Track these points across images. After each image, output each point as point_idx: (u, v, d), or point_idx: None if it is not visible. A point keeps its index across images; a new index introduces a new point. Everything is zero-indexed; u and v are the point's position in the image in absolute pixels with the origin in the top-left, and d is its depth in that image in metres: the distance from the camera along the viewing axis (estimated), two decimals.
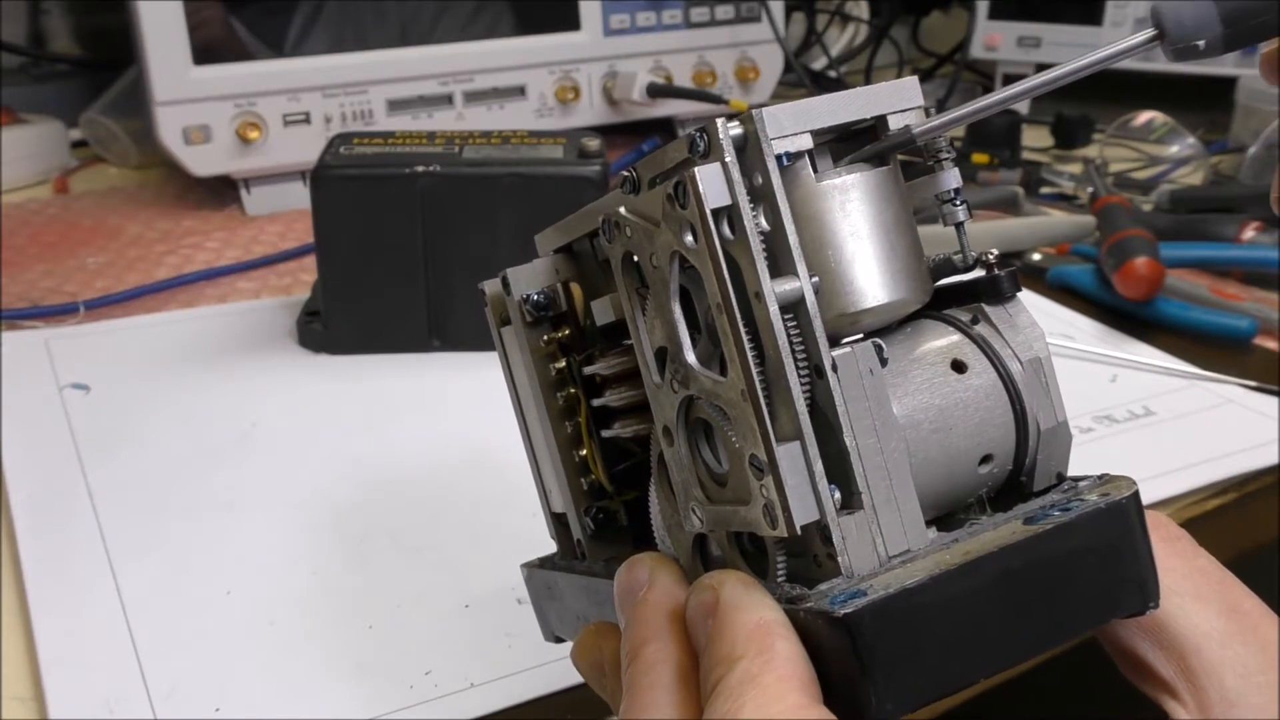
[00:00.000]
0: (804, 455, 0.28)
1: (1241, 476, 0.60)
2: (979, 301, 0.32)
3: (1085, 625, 0.29)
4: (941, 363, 0.31)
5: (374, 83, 1.02)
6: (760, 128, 0.28)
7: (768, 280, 0.28)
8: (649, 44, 1.12)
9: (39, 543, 0.54)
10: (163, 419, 0.66)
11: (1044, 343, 0.32)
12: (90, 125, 1.14)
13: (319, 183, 0.70)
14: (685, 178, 0.28)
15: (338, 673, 0.47)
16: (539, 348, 0.37)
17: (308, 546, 0.55)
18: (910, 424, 0.30)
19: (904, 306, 0.31)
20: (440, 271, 0.71)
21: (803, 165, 0.30)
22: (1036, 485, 0.32)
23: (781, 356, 0.28)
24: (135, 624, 0.49)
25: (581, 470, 0.37)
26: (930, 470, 0.30)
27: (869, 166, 0.30)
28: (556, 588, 0.39)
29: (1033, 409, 0.32)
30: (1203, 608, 0.31)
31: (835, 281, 0.29)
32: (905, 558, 0.29)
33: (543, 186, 0.70)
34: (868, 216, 0.30)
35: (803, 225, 0.29)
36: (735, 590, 0.28)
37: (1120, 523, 0.29)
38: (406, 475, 0.60)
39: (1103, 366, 0.72)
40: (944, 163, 0.31)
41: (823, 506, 0.28)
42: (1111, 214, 0.84)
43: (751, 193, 0.29)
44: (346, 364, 0.73)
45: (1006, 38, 1.28)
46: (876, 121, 0.31)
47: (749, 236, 0.28)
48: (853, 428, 0.28)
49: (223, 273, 0.88)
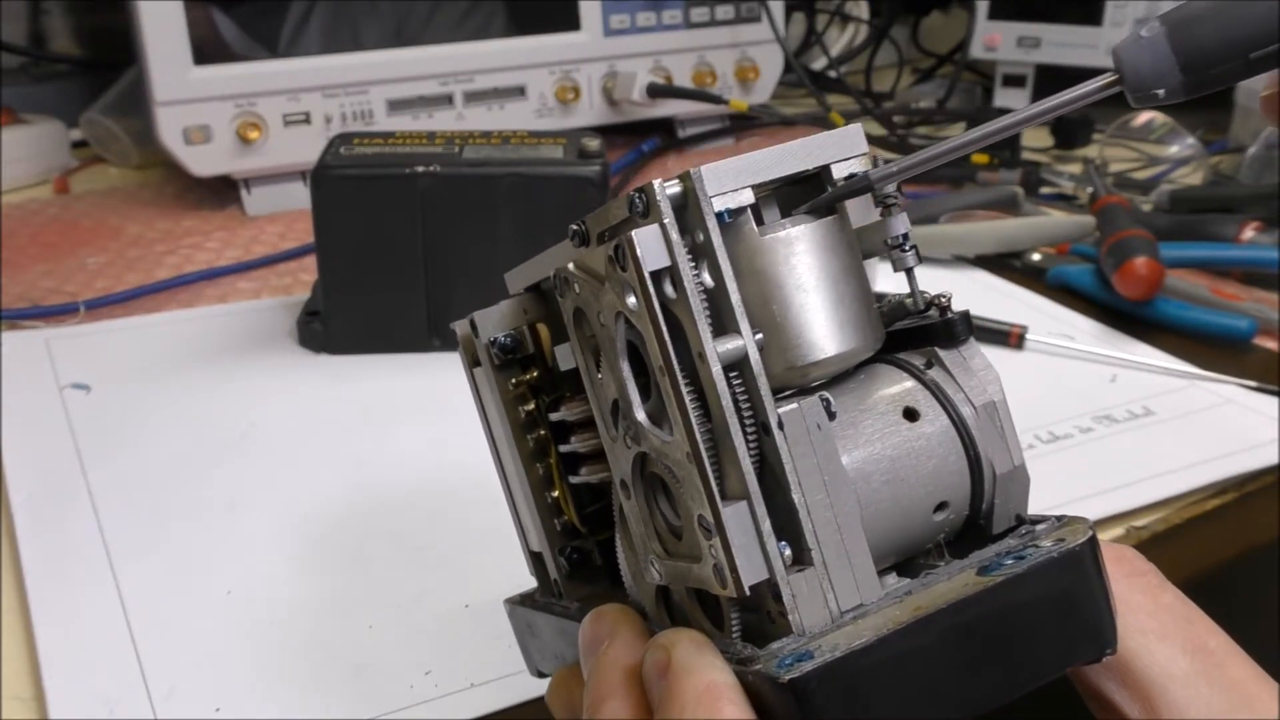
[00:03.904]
0: (751, 515, 0.28)
1: (1241, 476, 0.60)
2: (933, 345, 0.32)
3: (1041, 675, 0.29)
4: (893, 411, 0.31)
5: (374, 83, 1.02)
6: (699, 186, 0.28)
7: (710, 341, 0.28)
8: (649, 44, 1.12)
9: (39, 543, 0.54)
10: (163, 419, 0.66)
11: (998, 385, 0.32)
12: (90, 125, 1.14)
13: (319, 183, 0.70)
14: (624, 240, 0.28)
15: (338, 673, 0.47)
16: (508, 390, 0.37)
17: (308, 546, 0.55)
18: (861, 476, 0.30)
19: (854, 356, 0.31)
20: (440, 271, 0.71)
21: (745, 220, 0.29)
22: (995, 528, 0.32)
23: (726, 417, 0.28)
24: (135, 624, 0.49)
25: (555, 511, 0.37)
26: (883, 522, 0.30)
27: (814, 217, 0.30)
28: (536, 626, 0.39)
29: (987, 454, 0.31)
30: (1167, 647, 0.31)
31: (782, 335, 0.29)
32: (858, 613, 0.28)
33: (543, 186, 0.70)
34: (814, 268, 0.30)
35: (747, 280, 0.29)
36: (686, 652, 0.29)
37: (1074, 570, 0.29)
38: (406, 475, 0.60)
39: (1103, 366, 0.72)
40: (892, 208, 0.31)
41: (771, 565, 0.28)
42: (1111, 214, 0.84)
43: (693, 250, 0.29)
44: (346, 364, 0.73)
45: (1006, 38, 1.28)
46: (821, 171, 0.31)
47: (689, 297, 0.28)
48: (800, 484, 0.28)
49: (223, 273, 0.88)
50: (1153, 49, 0.26)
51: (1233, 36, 0.26)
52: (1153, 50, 0.26)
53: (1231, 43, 0.26)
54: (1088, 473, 0.60)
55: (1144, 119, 1.13)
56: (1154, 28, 0.27)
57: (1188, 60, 0.26)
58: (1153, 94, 0.27)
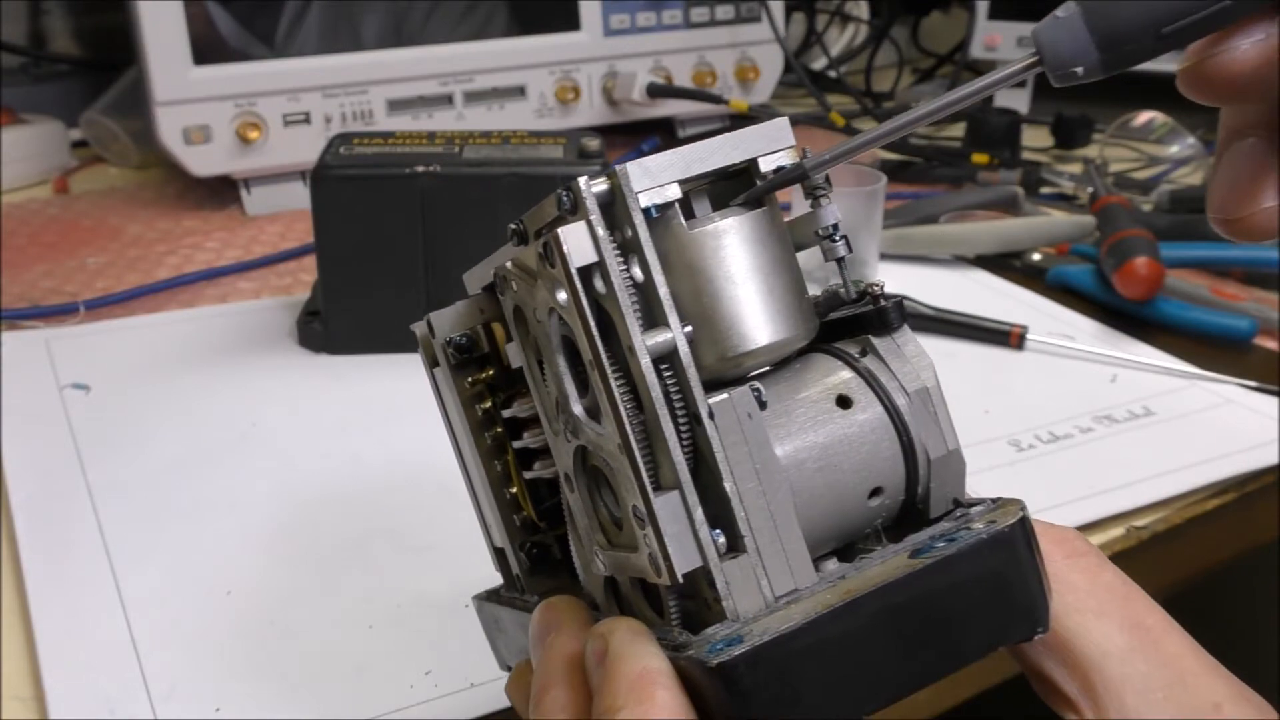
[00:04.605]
0: (683, 504, 0.28)
1: (1241, 476, 0.60)
2: (868, 333, 0.32)
3: (972, 655, 0.29)
4: (826, 399, 0.31)
5: (374, 83, 1.02)
6: (625, 183, 0.29)
7: (639, 335, 0.28)
8: (649, 44, 1.13)
9: (39, 543, 0.54)
10: (163, 419, 0.66)
11: (931, 371, 0.32)
12: (90, 125, 1.14)
13: (319, 183, 0.70)
14: (550, 238, 0.29)
15: (338, 673, 0.47)
16: (465, 389, 0.37)
17: (308, 546, 0.55)
18: (794, 464, 0.30)
19: (786, 346, 0.31)
20: (440, 271, 0.71)
21: (674, 215, 0.30)
22: (933, 511, 0.32)
23: (656, 409, 0.28)
24: (135, 624, 0.49)
25: (514, 507, 0.38)
26: (817, 508, 0.30)
27: (744, 210, 0.31)
28: (501, 621, 0.40)
29: (921, 439, 0.31)
30: (1104, 624, 0.31)
31: (714, 327, 0.30)
32: (792, 597, 0.29)
33: (543, 186, 0.69)
34: (744, 260, 0.30)
35: (679, 273, 0.30)
36: (623, 639, 0.29)
37: (1005, 551, 0.29)
38: (406, 475, 0.60)
39: (1103, 366, 0.72)
40: (821, 200, 0.31)
41: (704, 553, 0.28)
42: (1111, 214, 0.84)
43: (623, 245, 0.29)
44: (346, 364, 0.73)
45: (1006, 38, 1.28)
46: (749, 164, 0.31)
47: (618, 292, 0.28)
48: (733, 473, 0.29)
49: (223, 273, 0.88)
50: (1070, 28, 0.27)
51: (1143, 14, 0.26)
52: (1070, 30, 0.27)
53: (1143, 20, 0.26)
54: (1088, 473, 0.60)
55: (1144, 119, 1.13)
56: (1070, 8, 0.27)
57: (1103, 38, 0.27)
58: (1071, 72, 0.27)
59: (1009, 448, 0.63)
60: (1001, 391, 0.69)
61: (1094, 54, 0.27)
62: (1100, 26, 0.27)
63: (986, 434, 0.64)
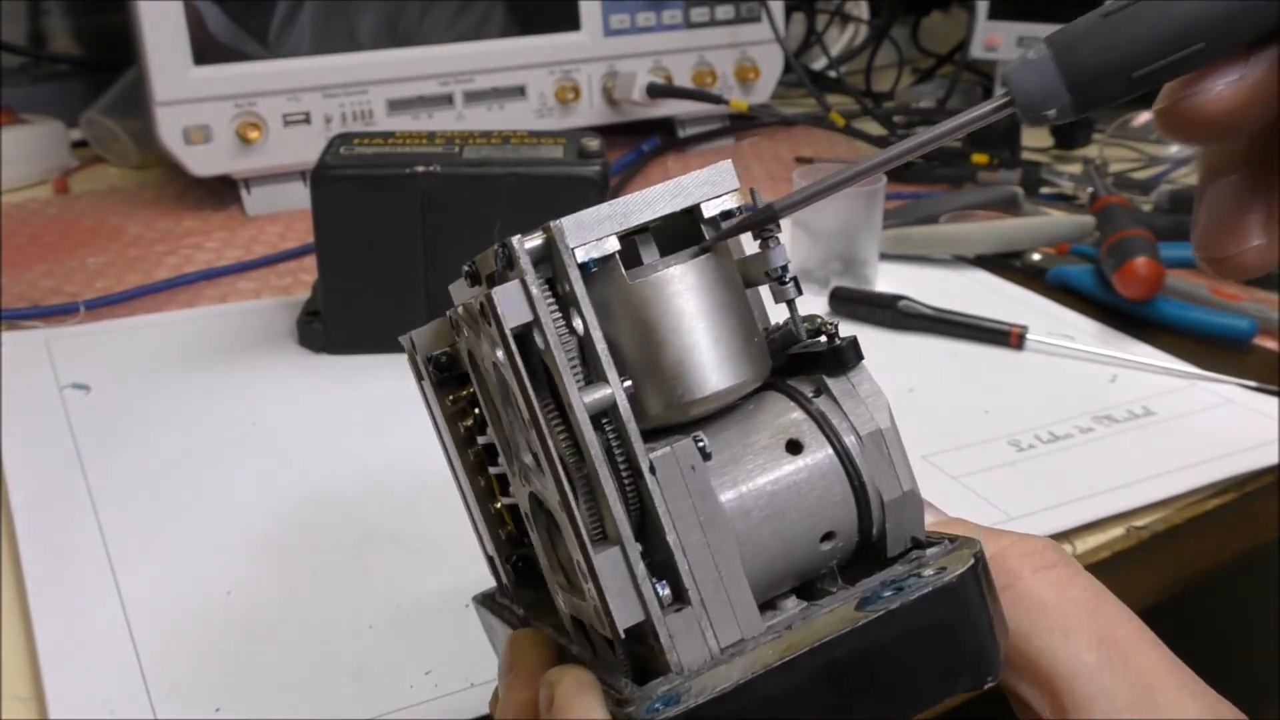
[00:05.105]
0: (625, 560, 0.28)
1: (1241, 476, 0.60)
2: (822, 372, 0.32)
3: (917, 706, 0.29)
4: (776, 444, 0.31)
5: (374, 83, 1.02)
6: (560, 238, 0.29)
7: (576, 392, 0.28)
8: (649, 44, 1.12)
9: (39, 543, 0.54)
10: (163, 419, 0.66)
11: (886, 412, 0.31)
12: (90, 125, 1.14)
13: (319, 183, 0.70)
14: (483, 298, 0.28)
15: (338, 673, 0.47)
16: (448, 406, 0.37)
17: (308, 546, 0.55)
18: (740, 513, 0.30)
19: (733, 392, 0.31)
20: (440, 271, 0.71)
21: (614, 266, 0.29)
22: (891, 549, 0.32)
23: (596, 466, 0.28)
24: (135, 624, 0.49)
25: (499, 521, 0.38)
26: (765, 555, 0.30)
27: (690, 256, 0.30)
28: (493, 628, 0.40)
29: (874, 482, 0.31)
30: (1072, 642, 0.31)
31: (660, 376, 0.29)
32: (737, 649, 0.29)
33: (543, 186, 0.70)
34: (687, 309, 0.30)
35: (621, 324, 0.29)
36: (567, 692, 0.29)
37: (952, 602, 0.29)
38: (407, 475, 0.60)
39: (1103, 366, 0.72)
40: (769, 241, 0.31)
41: (647, 608, 0.28)
42: (1111, 214, 0.84)
43: (561, 299, 0.29)
44: (346, 364, 0.73)
45: (1006, 38, 1.28)
46: (692, 210, 0.30)
47: (554, 351, 0.28)
48: (675, 526, 0.28)
49: (223, 273, 0.88)
50: (1040, 70, 0.27)
51: (1115, 57, 0.26)
52: (1040, 72, 0.27)
53: (1114, 63, 0.26)
54: (1088, 473, 0.60)
55: (1144, 119, 1.13)
56: (1040, 50, 0.27)
57: (1074, 81, 0.27)
58: (1044, 115, 0.27)
59: (1009, 448, 0.63)
60: (1001, 391, 0.69)
61: (1065, 96, 0.27)
62: (1071, 69, 0.26)
63: (986, 434, 0.64)
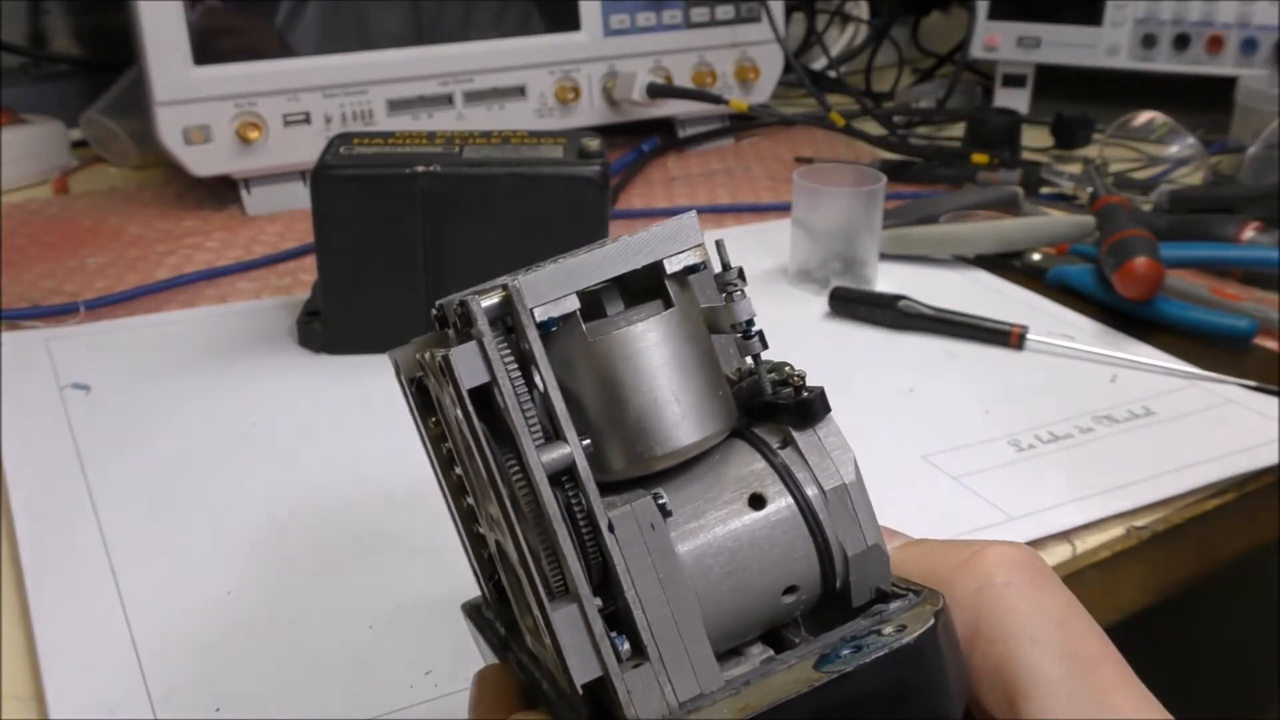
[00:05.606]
0: (583, 617, 0.28)
1: (1241, 476, 0.60)
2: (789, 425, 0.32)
3: None
4: (739, 499, 0.31)
5: (374, 83, 1.02)
6: (517, 299, 0.28)
7: (534, 452, 0.28)
8: (649, 44, 1.13)
9: (39, 543, 0.54)
10: (163, 419, 0.66)
11: (852, 465, 0.31)
12: (90, 125, 1.14)
13: (319, 183, 0.70)
14: (441, 360, 0.28)
15: (338, 673, 0.47)
16: (431, 428, 0.37)
17: (308, 546, 0.55)
18: (700, 570, 0.30)
19: (697, 447, 0.30)
20: (440, 271, 0.71)
21: (575, 324, 0.29)
22: (856, 600, 0.31)
23: (554, 525, 0.28)
24: (135, 624, 0.49)
25: (481, 542, 0.37)
26: (726, 610, 0.30)
27: (653, 311, 0.30)
28: (479, 642, 0.40)
29: (837, 537, 0.31)
30: (1037, 653, 0.30)
31: (622, 432, 0.29)
32: (694, 705, 0.29)
33: (543, 186, 0.70)
34: (651, 364, 0.30)
35: (584, 380, 0.29)
36: None
37: (910, 663, 0.29)
38: (407, 475, 0.60)
39: (1103, 366, 0.72)
40: (734, 295, 0.30)
41: (605, 664, 0.28)
42: (1111, 214, 0.84)
43: (521, 357, 0.29)
44: (346, 364, 0.73)
45: (1006, 38, 1.28)
46: (655, 265, 0.30)
47: (511, 412, 0.28)
48: (634, 584, 0.28)
49: (223, 273, 0.88)
50: None
51: None
52: None
53: None
54: (1088, 473, 0.60)
55: (1144, 119, 1.13)
56: None
57: None
58: None
59: (1009, 448, 0.63)
60: (1001, 391, 0.69)
61: None
62: None
63: (986, 434, 0.64)
